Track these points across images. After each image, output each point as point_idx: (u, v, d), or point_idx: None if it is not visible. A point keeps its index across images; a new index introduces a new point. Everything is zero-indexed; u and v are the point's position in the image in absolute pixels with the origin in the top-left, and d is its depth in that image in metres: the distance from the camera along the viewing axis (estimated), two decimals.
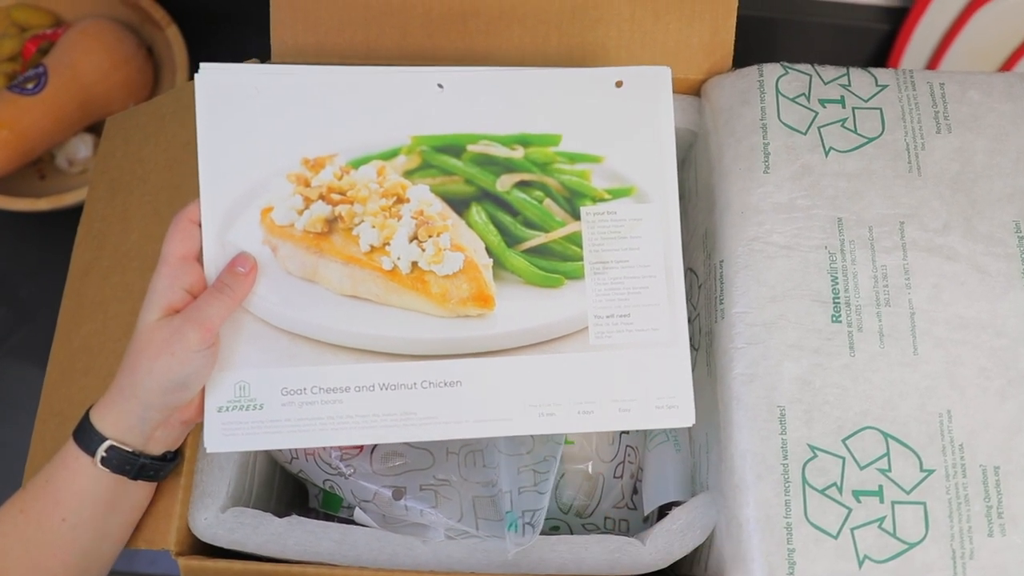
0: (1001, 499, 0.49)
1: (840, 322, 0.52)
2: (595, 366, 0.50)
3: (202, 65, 0.49)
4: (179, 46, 0.87)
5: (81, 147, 0.87)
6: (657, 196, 0.52)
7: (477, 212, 0.52)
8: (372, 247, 0.51)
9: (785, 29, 0.85)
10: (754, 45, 0.64)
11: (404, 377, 0.50)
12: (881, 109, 0.57)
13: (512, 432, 0.50)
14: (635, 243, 0.51)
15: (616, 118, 0.52)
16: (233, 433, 0.49)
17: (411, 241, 0.50)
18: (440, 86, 0.51)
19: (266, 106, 0.50)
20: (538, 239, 0.51)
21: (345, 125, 0.51)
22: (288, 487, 0.64)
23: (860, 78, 0.59)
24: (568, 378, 0.50)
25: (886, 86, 0.58)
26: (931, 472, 0.50)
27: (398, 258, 0.50)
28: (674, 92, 0.59)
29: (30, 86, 0.81)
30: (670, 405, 0.50)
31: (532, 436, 0.55)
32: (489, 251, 0.51)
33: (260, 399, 0.49)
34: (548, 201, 0.52)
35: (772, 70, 0.58)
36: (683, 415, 0.50)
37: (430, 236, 0.50)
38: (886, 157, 0.56)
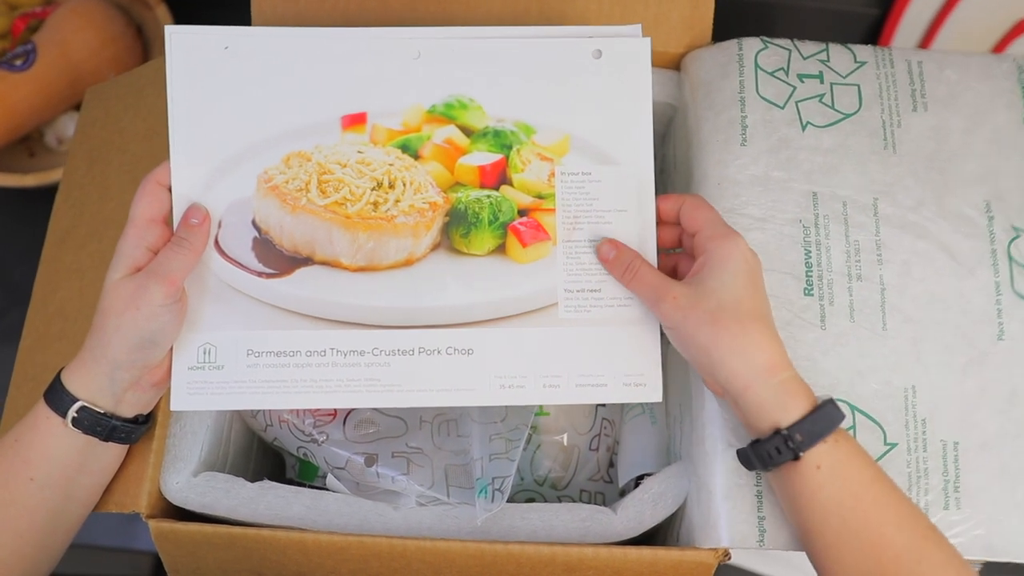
0: (959, 474, 0.50)
1: (812, 295, 0.52)
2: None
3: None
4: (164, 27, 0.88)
5: (70, 125, 0.87)
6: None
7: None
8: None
9: (774, 12, 0.85)
10: (742, 27, 0.63)
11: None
12: (859, 85, 0.57)
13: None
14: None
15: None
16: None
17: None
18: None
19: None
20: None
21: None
22: (266, 458, 0.64)
23: (839, 54, 0.59)
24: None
25: (864, 63, 0.58)
26: (894, 446, 0.50)
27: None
28: (653, 66, 0.59)
29: (18, 63, 0.81)
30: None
31: (505, 405, 0.55)
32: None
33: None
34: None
35: (751, 44, 0.58)
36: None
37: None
38: (862, 133, 0.56)
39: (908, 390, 0.51)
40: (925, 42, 0.84)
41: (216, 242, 0.50)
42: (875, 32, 0.86)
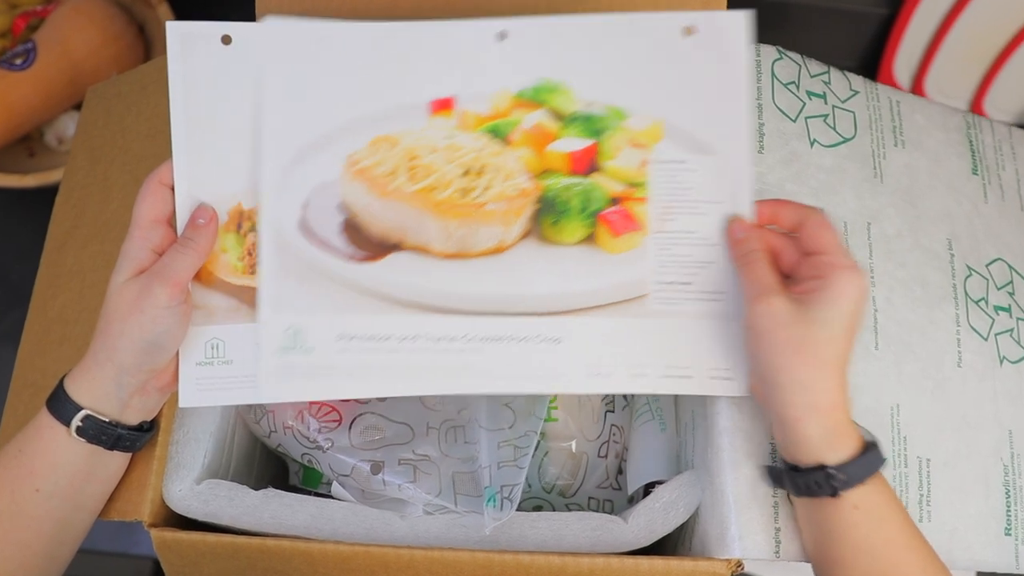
0: (930, 488, 0.52)
1: None
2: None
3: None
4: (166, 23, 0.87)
5: (70, 125, 0.86)
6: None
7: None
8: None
9: (783, 11, 0.84)
10: (752, 27, 0.62)
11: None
12: (854, 113, 0.59)
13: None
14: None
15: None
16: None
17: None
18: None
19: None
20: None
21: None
22: (269, 464, 0.63)
23: (838, 79, 0.60)
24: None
25: (857, 92, 0.60)
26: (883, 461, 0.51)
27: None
28: None
29: (18, 62, 0.80)
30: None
31: (514, 411, 0.54)
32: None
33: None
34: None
35: (768, 52, 0.58)
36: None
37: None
38: (857, 159, 0.58)
39: (893, 408, 0.52)
40: (935, 43, 0.83)
41: (303, 224, 0.49)
42: (885, 32, 0.85)
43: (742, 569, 0.48)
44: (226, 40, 0.49)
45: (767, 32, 0.58)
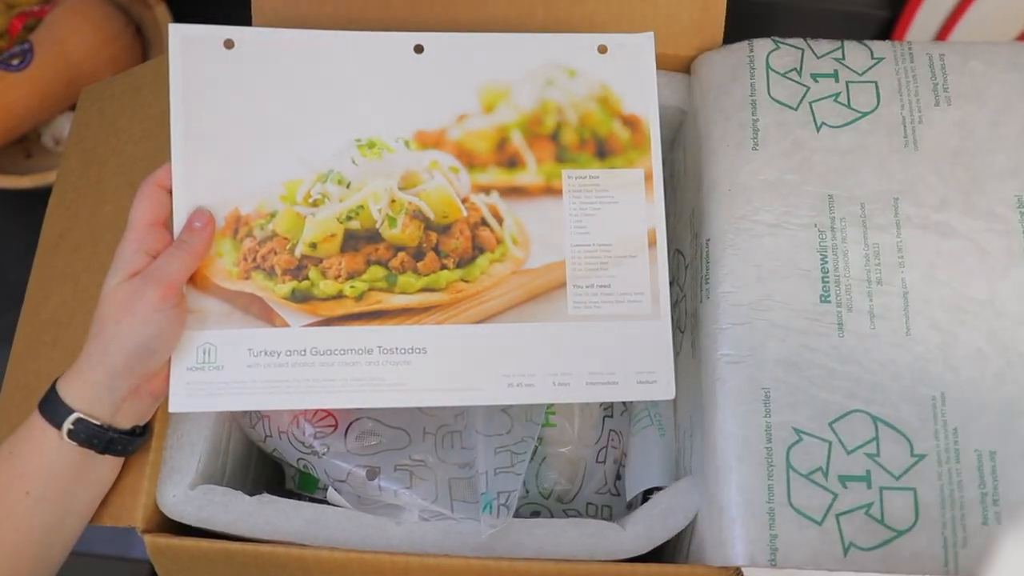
0: (997, 485, 0.47)
1: (829, 302, 0.51)
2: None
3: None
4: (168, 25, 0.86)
5: (68, 126, 0.85)
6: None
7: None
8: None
9: (784, 14, 0.84)
10: (752, 30, 0.62)
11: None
12: (876, 82, 0.56)
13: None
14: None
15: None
16: None
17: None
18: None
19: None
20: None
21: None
22: (265, 468, 0.63)
23: (855, 51, 0.57)
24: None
25: (882, 59, 0.57)
26: (922, 457, 0.48)
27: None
28: (664, 69, 0.58)
29: (15, 62, 0.80)
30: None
31: (511, 417, 0.54)
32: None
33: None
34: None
35: (763, 45, 0.57)
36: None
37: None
38: (880, 132, 0.54)
39: (936, 398, 0.49)
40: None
41: None
42: (885, 35, 0.85)
43: None
44: (229, 44, 0.49)
45: (766, 34, 0.58)
